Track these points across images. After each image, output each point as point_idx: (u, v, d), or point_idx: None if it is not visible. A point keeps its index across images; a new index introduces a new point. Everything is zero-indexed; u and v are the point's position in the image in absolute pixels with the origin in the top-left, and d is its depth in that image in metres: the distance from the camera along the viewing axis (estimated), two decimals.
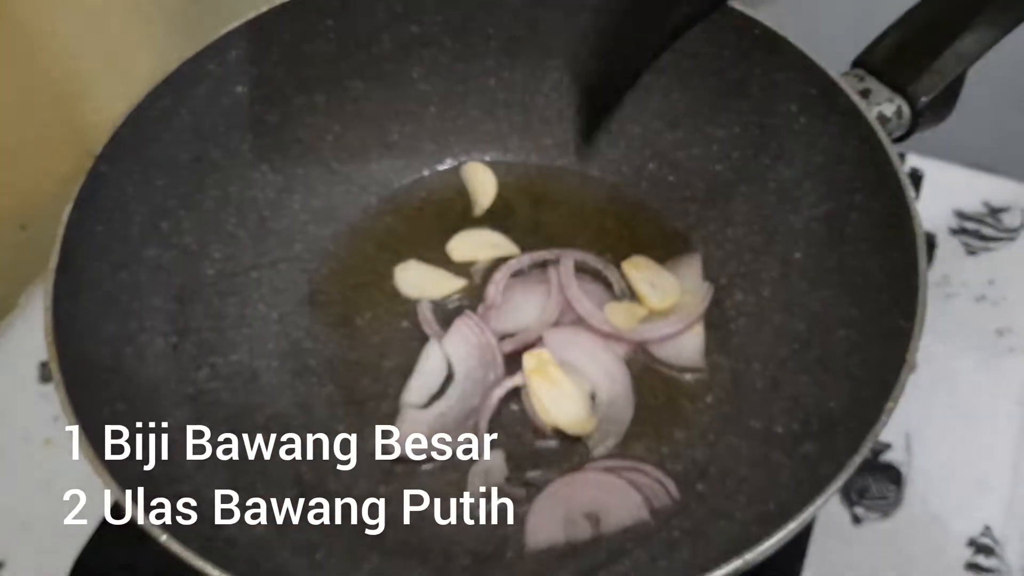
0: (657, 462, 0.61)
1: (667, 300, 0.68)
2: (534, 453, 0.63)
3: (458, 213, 0.75)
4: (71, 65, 0.79)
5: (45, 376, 0.75)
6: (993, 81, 0.75)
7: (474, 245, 0.73)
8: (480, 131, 0.77)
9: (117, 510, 0.62)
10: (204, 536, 0.53)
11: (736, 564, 0.44)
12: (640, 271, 0.70)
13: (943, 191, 0.83)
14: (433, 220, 0.75)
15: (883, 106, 0.62)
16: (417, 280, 0.71)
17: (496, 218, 0.75)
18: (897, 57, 0.62)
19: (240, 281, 0.69)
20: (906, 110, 0.62)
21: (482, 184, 0.76)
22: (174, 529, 0.48)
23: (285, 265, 0.71)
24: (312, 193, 0.73)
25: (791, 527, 0.45)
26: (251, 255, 0.70)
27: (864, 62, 0.64)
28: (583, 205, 0.75)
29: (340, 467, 0.62)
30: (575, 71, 0.70)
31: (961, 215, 0.82)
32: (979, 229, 0.81)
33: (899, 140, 0.62)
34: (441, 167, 0.77)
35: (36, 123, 0.78)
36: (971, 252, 0.80)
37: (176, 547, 0.46)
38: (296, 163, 0.73)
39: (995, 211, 0.82)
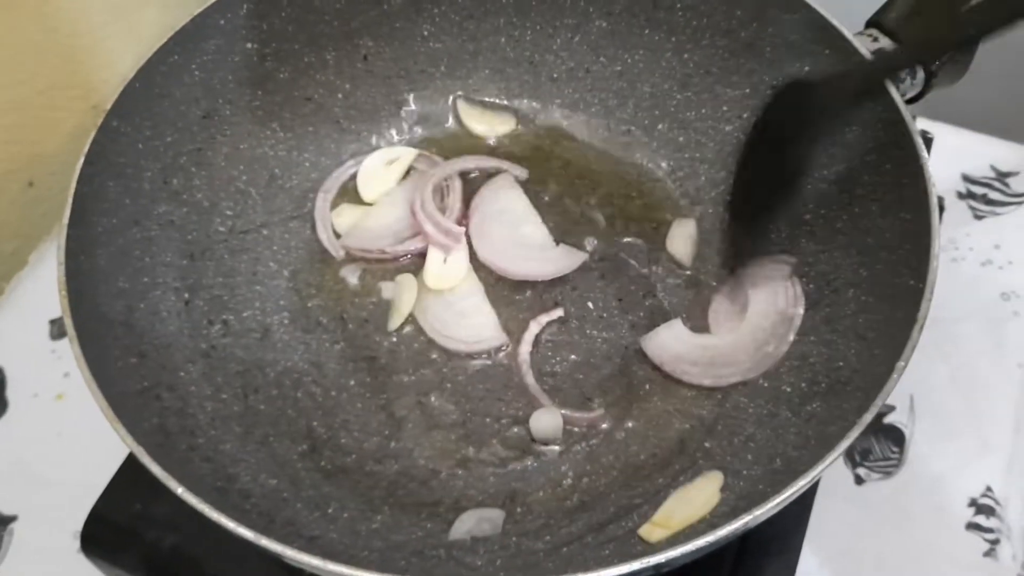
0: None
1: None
2: None
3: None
4: (77, 21, 0.78)
5: (56, 333, 0.75)
6: (1002, 45, 0.74)
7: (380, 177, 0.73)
8: (490, 90, 0.77)
9: (131, 464, 0.62)
10: (218, 489, 0.54)
11: (745, 520, 0.45)
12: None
13: (951, 155, 0.83)
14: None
15: None
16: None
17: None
18: (911, 17, 0.62)
19: (251, 238, 0.69)
20: (919, 70, 0.61)
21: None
22: (189, 482, 0.48)
23: (296, 223, 0.71)
24: (322, 151, 0.73)
25: (801, 484, 0.46)
26: (262, 212, 0.70)
27: (878, 22, 0.63)
28: (592, 165, 0.75)
29: (351, 422, 0.63)
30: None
31: (968, 179, 0.82)
32: (986, 193, 0.81)
33: (912, 101, 0.62)
34: (451, 125, 0.76)
35: (42, 79, 0.78)
36: (978, 216, 0.80)
37: (192, 500, 0.47)
38: (306, 121, 0.73)
39: (1003, 175, 0.82)
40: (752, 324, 0.64)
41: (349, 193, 0.73)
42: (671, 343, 0.64)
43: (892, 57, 0.60)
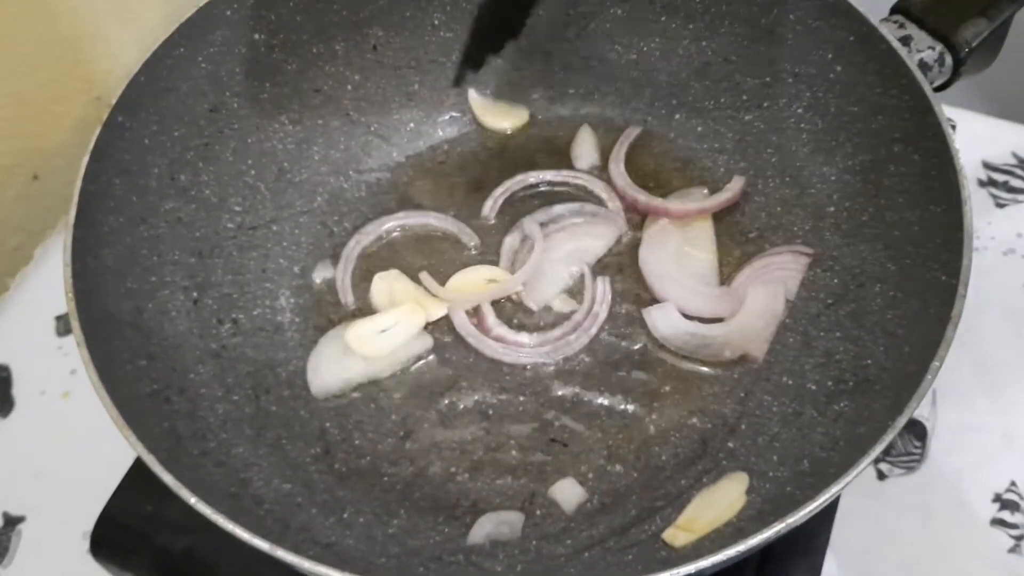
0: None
1: None
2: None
3: (480, 166, 0.74)
4: (78, 11, 0.77)
5: (62, 329, 0.75)
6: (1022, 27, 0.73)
7: (470, 284, 0.68)
8: (502, 80, 0.75)
9: (141, 464, 0.61)
10: (231, 495, 0.53)
11: (777, 528, 0.44)
12: None
13: (971, 142, 0.81)
14: (455, 172, 0.73)
15: (924, 53, 0.60)
16: (392, 294, 0.67)
17: (519, 171, 0.73)
18: (939, 2, 0.61)
19: (260, 234, 0.68)
20: (948, 58, 0.60)
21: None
22: (202, 489, 0.47)
23: (306, 218, 0.70)
24: (332, 144, 0.72)
25: (834, 490, 0.45)
26: (271, 208, 0.69)
27: (904, 8, 0.62)
28: (608, 157, 0.73)
29: (364, 423, 0.62)
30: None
31: (989, 166, 0.81)
32: (1008, 181, 0.80)
33: (940, 89, 0.61)
34: (463, 117, 0.75)
35: (44, 71, 0.77)
36: (999, 204, 0.79)
37: (206, 510, 0.46)
38: (315, 113, 0.71)
39: None
40: (742, 321, 0.64)
41: (381, 251, 0.70)
42: (660, 325, 0.64)
43: None
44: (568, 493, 0.59)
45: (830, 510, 0.60)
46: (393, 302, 0.66)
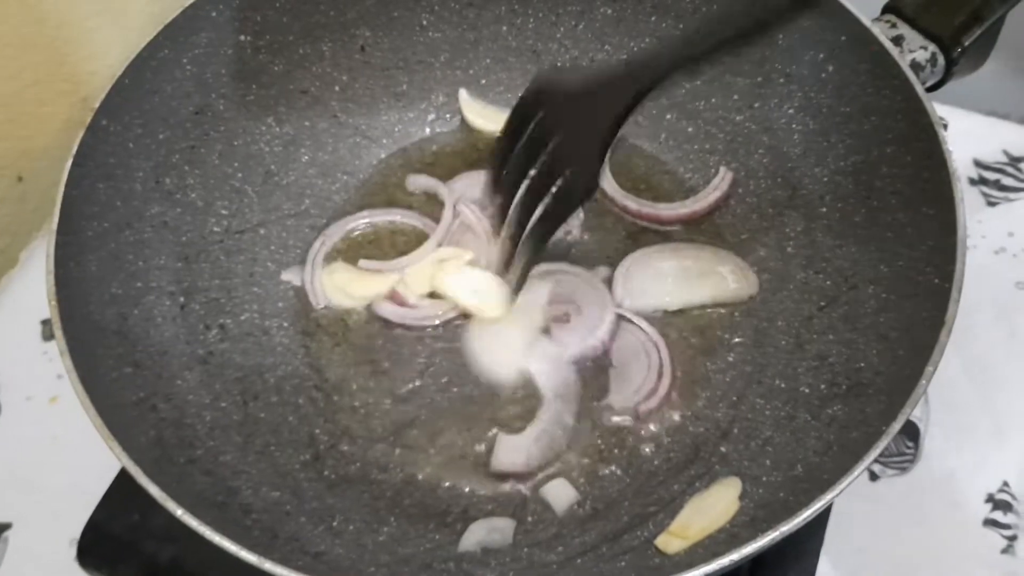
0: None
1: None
2: None
3: (470, 167, 0.73)
4: (64, 12, 0.76)
5: (48, 334, 0.74)
6: (1012, 25, 0.73)
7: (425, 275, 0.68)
8: (492, 80, 0.75)
9: (128, 474, 0.61)
10: (219, 504, 0.52)
11: (771, 536, 0.43)
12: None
13: (962, 140, 0.81)
14: (445, 173, 0.73)
15: (916, 53, 0.60)
16: (340, 285, 0.67)
17: None
18: (931, 1, 0.60)
19: (248, 238, 0.67)
20: (940, 58, 0.60)
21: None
22: (189, 500, 0.47)
23: (293, 221, 0.69)
24: (320, 146, 0.72)
25: (829, 497, 0.44)
26: (258, 211, 0.68)
27: (896, 7, 0.62)
28: None
29: (353, 428, 0.61)
30: None
31: (980, 164, 0.80)
32: (999, 179, 0.80)
33: (932, 89, 0.61)
34: (452, 118, 0.75)
35: (30, 72, 0.76)
36: (991, 203, 0.78)
37: (193, 522, 0.46)
38: (302, 115, 0.71)
39: (1015, 160, 0.81)
40: None
41: (350, 250, 0.70)
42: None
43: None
44: (560, 493, 0.58)
45: (823, 515, 0.60)
46: (345, 292, 0.67)
